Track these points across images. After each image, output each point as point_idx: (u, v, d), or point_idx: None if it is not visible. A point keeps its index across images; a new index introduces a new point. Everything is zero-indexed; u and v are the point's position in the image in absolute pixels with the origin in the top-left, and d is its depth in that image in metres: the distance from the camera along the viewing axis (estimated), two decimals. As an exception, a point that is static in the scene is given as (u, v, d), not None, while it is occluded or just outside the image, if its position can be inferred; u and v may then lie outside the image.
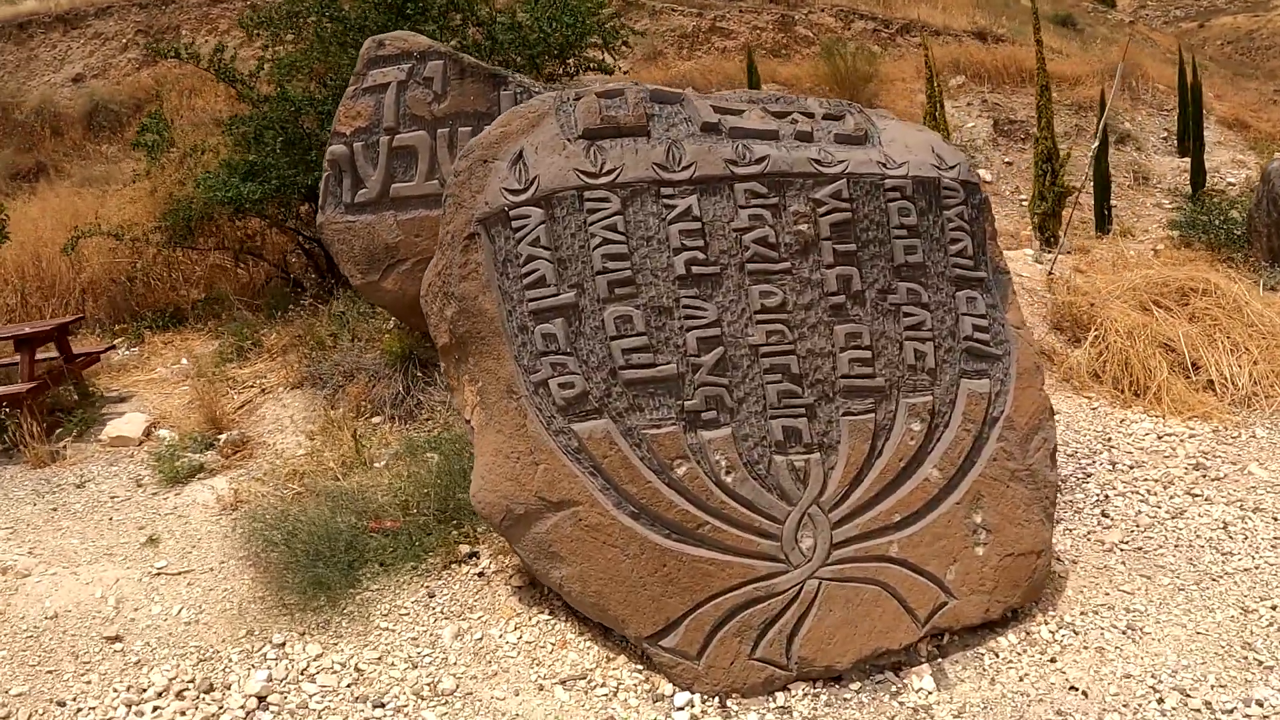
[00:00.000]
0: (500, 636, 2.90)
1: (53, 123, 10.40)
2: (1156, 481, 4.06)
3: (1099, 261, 6.48)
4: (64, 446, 4.48)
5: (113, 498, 4.04)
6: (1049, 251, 7.02)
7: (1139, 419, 4.83)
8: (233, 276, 6.71)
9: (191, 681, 2.62)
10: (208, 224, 6.32)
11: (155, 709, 2.55)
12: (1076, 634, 2.95)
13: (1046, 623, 3.05)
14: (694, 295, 2.82)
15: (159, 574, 3.09)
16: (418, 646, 2.86)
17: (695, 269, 2.84)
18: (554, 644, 2.87)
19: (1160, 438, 4.62)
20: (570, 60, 6.98)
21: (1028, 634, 2.99)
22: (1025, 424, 3.12)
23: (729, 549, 2.74)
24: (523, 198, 2.84)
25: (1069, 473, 4.18)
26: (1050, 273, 6.13)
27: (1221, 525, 3.64)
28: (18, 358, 4.85)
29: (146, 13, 11.90)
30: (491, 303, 2.86)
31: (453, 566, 3.18)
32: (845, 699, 2.67)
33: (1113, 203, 8.05)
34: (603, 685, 2.74)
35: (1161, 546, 3.53)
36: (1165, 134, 10.27)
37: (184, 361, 5.55)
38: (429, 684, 2.71)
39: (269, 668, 2.70)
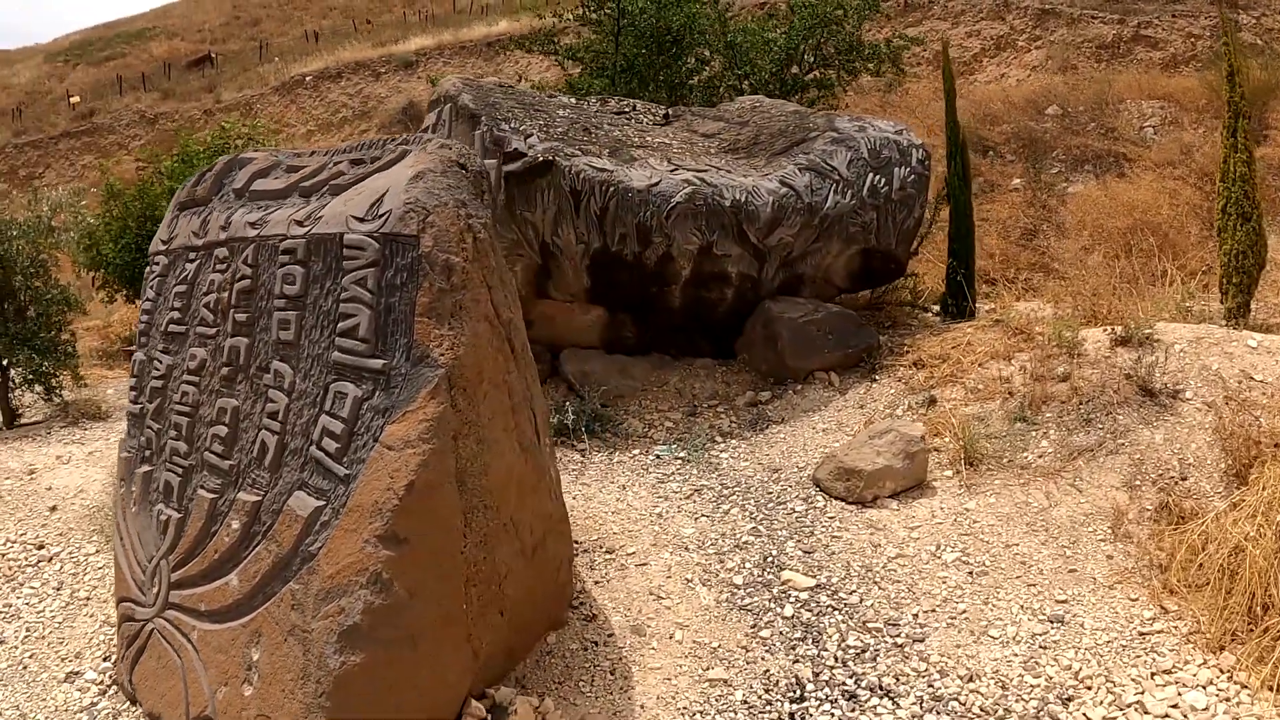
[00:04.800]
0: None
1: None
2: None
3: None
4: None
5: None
6: None
7: (1192, 676, 2.51)
8: None
9: (41, 539, 4.38)
10: None
11: (10, 542, 4.27)
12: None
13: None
14: (163, 350, 3.21)
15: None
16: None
17: (172, 327, 3.21)
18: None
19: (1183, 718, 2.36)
20: (793, 71, 8.18)
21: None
22: (330, 577, 2.43)
23: (131, 565, 3.14)
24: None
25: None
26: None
27: None
28: None
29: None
30: (147, 331, 3.79)
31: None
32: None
33: None
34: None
35: None
36: None
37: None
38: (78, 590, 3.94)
39: (73, 549, 4.30)
